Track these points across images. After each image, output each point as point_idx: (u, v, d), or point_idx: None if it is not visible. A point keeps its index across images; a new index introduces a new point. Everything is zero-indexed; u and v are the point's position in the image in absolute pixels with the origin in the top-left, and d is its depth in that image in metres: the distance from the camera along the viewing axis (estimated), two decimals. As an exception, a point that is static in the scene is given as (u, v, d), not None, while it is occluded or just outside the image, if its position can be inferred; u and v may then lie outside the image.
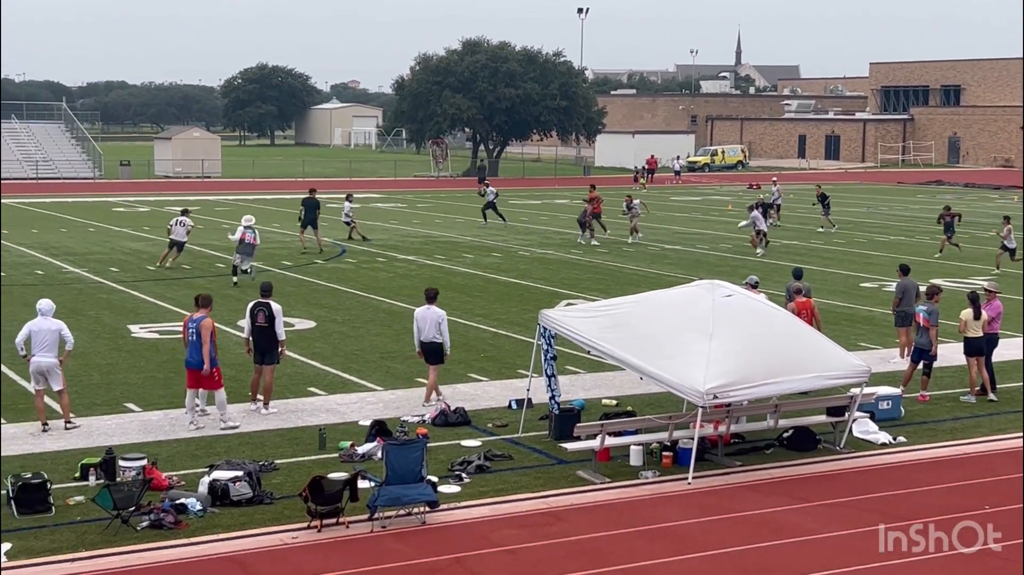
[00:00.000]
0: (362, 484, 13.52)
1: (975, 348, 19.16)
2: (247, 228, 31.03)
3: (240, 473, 13.91)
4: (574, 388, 19.19)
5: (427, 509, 13.27)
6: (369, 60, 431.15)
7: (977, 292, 19.70)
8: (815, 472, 15.44)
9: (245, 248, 30.97)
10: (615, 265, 35.71)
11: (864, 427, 16.90)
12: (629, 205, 42.26)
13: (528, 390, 17.43)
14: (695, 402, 14.79)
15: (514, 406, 17.99)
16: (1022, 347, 22.35)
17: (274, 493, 13.99)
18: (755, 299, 17.43)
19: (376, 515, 13.06)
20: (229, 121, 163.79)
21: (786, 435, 16.46)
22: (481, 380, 20.12)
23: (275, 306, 17.83)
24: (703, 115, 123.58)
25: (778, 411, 16.33)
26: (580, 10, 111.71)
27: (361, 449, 15.66)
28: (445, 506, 13.60)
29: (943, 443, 16.79)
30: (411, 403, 18.39)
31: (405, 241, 42.01)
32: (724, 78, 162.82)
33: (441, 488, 14.02)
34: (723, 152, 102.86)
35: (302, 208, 38.11)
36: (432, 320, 18.20)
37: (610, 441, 15.33)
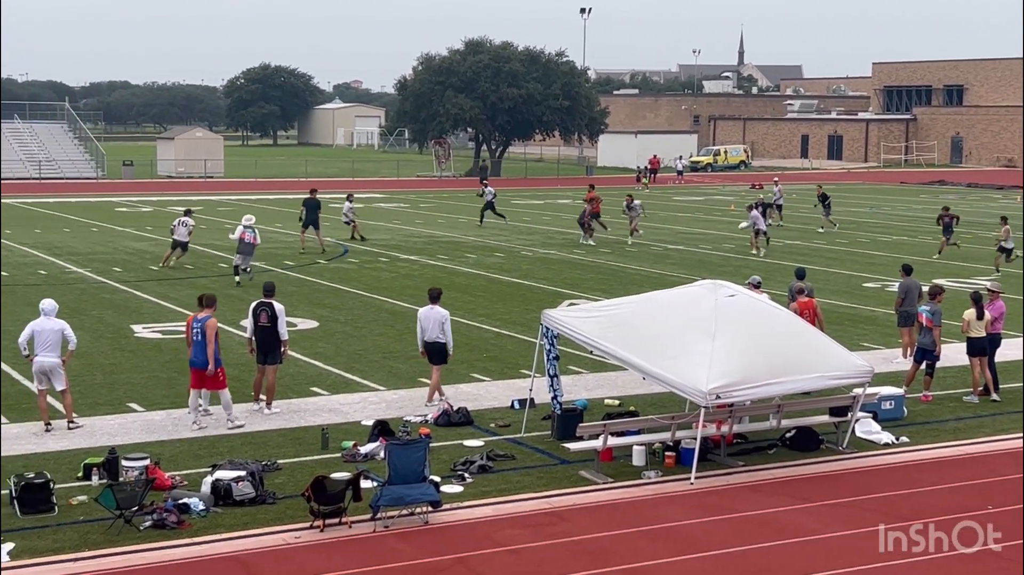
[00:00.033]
0: (365, 484, 13.52)
1: (978, 348, 19.14)
2: (247, 227, 31.12)
3: (243, 473, 13.92)
4: (577, 388, 19.19)
5: (430, 509, 13.28)
6: (372, 60, 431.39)
7: (980, 292, 19.69)
8: (818, 472, 15.43)
9: (245, 247, 31.10)
10: (618, 265, 35.71)
11: (867, 427, 16.90)
12: (629, 205, 42.24)
13: (531, 390, 17.41)
14: (698, 402, 14.79)
15: (517, 406, 17.99)
16: (1022, 348, 22.33)
17: (277, 493, 14.00)
18: (758, 299, 17.43)
19: (379, 515, 13.07)
20: (232, 121, 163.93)
21: (789, 435, 16.46)
22: (484, 380, 20.13)
23: (278, 306, 17.85)
24: (706, 115, 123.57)
25: (781, 411, 16.33)
26: (583, 10, 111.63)
27: (364, 449, 15.67)
28: (448, 506, 13.60)
29: (946, 443, 16.78)
30: (414, 403, 18.39)
31: (408, 241, 42.02)
32: (727, 78, 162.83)
33: (444, 488, 14.03)
34: (726, 152, 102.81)
35: (303, 209, 38.16)
36: (436, 320, 18.21)
37: (613, 441, 15.33)
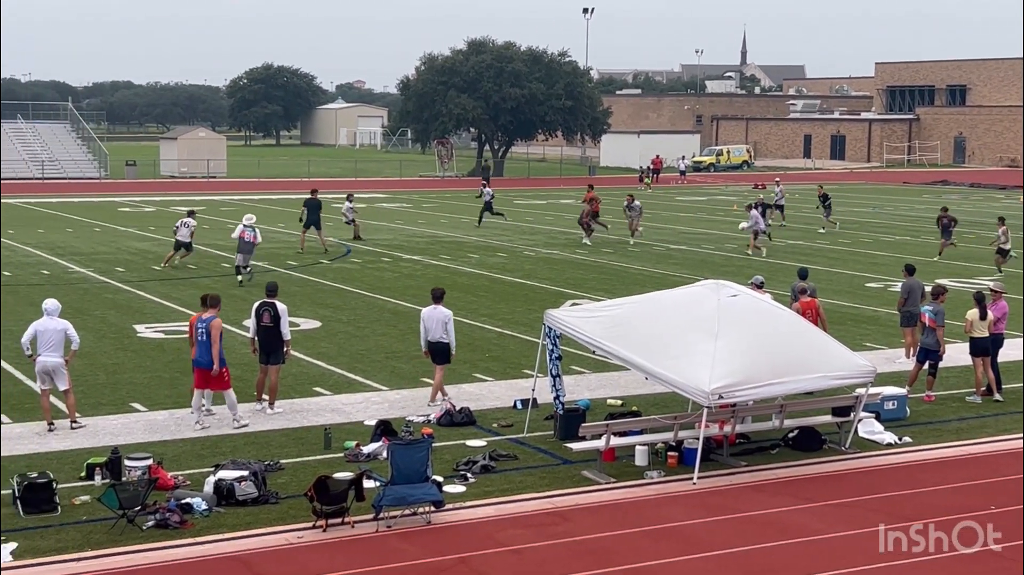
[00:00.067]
0: (367, 484, 13.53)
1: (981, 348, 19.12)
2: (247, 227, 31.18)
3: (245, 473, 13.93)
4: (579, 388, 19.18)
5: (432, 509, 13.28)
6: (374, 60, 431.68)
7: (983, 292, 19.67)
8: (820, 472, 15.43)
9: (245, 246, 31.17)
10: (620, 265, 35.70)
11: (870, 427, 16.89)
12: (630, 205, 42.21)
13: (533, 390, 17.42)
14: (700, 402, 14.78)
15: (519, 406, 17.99)
16: (1022, 348, 22.30)
17: (279, 493, 14.00)
18: (760, 299, 17.43)
19: (381, 515, 13.07)
20: (235, 121, 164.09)
21: (791, 435, 16.45)
22: (486, 380, 20.13)
23: (280, 306, 17.85)
24: (708, 115, 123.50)
25: (783, 411, 16.33)
26: (585, 10, 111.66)
27: (366, 449, 15.67)
28: (450, 506, 13.60)
29: (949, 443, 16.77)
30: (416, 403, 18.40)
31: (410, 241, 42.02)
32: (729, 78, 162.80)
33: (446, 488, 14.03)
34: (728, 152, 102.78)
35: (304, 209, 38.18)
36: (439, 320, 18.21)
37: (615, 441, 15.33)
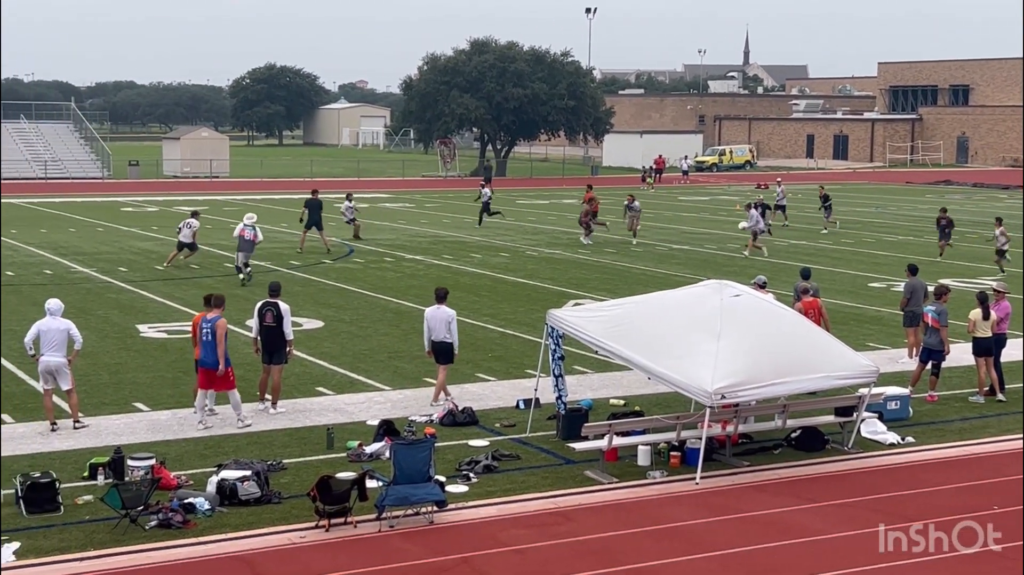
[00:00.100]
0: (370, 484, 13.52)
1: (984, 348, 19.11)
2: (247, 225, 31.22)
3: (248, 472, 13.93)
4: (582, 388, 19.18)
5: (435, 509, 13.28)
6: (377, 60, 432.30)
7: (986, 292, 19.66)
8: (823, 472, 15.42)
9: (245, 245, 31.22)
10: (623, 265, 35.70)
11: (872, 427, 16.88)
12: (630, 205, 42.21)
13: (536, 390, 17.41)
14: (703, 402, 14.78)
15: (522, 406, 17.99)
16: (1022, 348, 22.26)
17: (282, 492, 14.01)
18: (763, 299, 17.41)
19: (384, 515, 13.07)
20: (237, 121, 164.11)
21: (794, 435, 16.44)
22: (489, 380, 20.13)
23: (283, 306, 17.86)
24: (711, 115, 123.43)
25: (786, 411, 16.31)
26: (588, 10, 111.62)
27: (369, 449, 15.68)
28: (453, 506, 13.60)
29: (951, 443, 16.76)
30: (419, 403, 18.40)
31: (413, 241, 42.03)
32: (732, 78, 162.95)
33: (449, 488, 14.03)
34: (731, 152, 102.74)
35: (305, 210, 38.19)
36: (442, 320, 18.21)
37: (618, 441, 15.33)
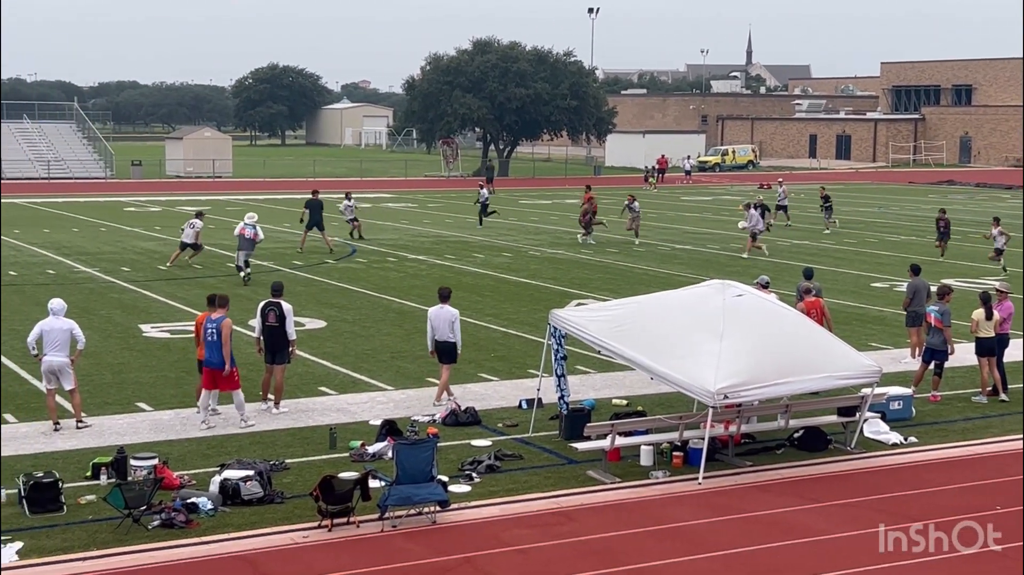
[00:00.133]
0: (373, 483, 13.54)
1: (986, 348, 19.10)
2: (247, 224, 31.26)
3: (251, 472, 13.94)
4: (584, 388, 19.18)
5: (437, 509, 13.28)
6: (379, 60, 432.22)
7: (989, 292, 19.66)
8: (826, 472, 15.42)
9: (245, 243, 31.27)
10: (625, 265, 35.70)
11: (875, 427, 16.88)
12: (630, 205, 42.20)
13: (538, 390, 17.41)
14: (706, 402, 14.77)
15: (524, 406, 17.99)
16: (1023, 348, 22.23)
17: (285, 492, 14.02)
18: (766, 299, 17.40)
19: (386, 514, 13.08)
20: (240, 121, 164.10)
21: (797, 435, 16.44)
22: (491, 380, 20.13)
23: (286, 306, 17.86)
24: (714, 115, 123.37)
25: (789, 411, 16.31)
26: (591, 10, 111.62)
27: (372, 448, 15.68)
28: (455, 506, 13.61)
29: (954, 443, 16.75)
30: (422, 403, 18.40)
31: (416, 241, 42.04)
32: (735, 78, 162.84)
33: (451, 488, 14.04)
34: (734, 152, 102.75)
35: (305, 210, 38.21)
36: (446, 319, 18.22)
37: (620, 441, 15.32)
